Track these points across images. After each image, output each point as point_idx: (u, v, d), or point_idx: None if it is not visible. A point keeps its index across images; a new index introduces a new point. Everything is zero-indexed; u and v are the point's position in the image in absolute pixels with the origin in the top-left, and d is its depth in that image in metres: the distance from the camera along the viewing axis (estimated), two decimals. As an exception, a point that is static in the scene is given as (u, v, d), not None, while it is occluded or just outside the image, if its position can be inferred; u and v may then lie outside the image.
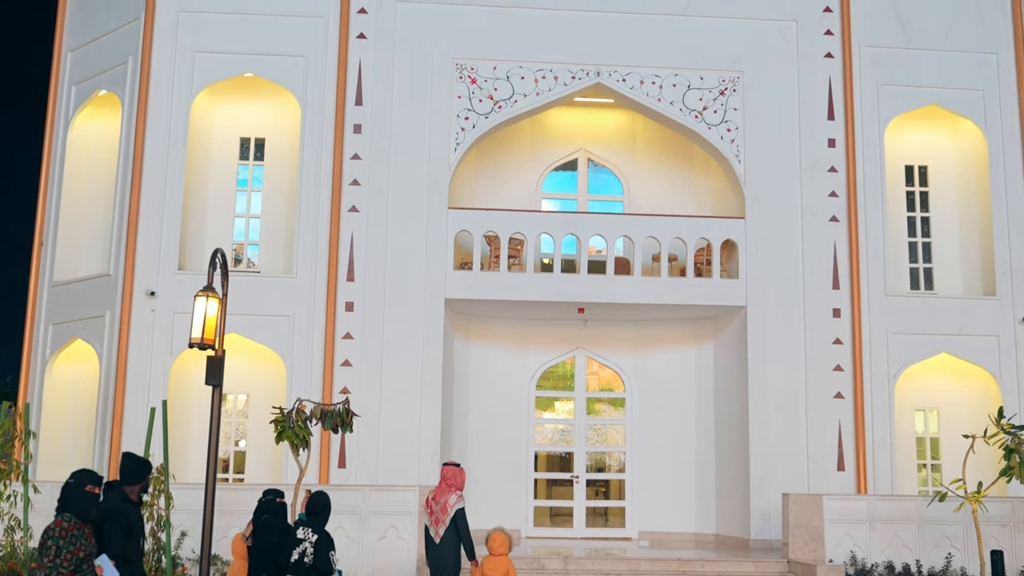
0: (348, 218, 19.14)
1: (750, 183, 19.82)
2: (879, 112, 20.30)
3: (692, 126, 19.94)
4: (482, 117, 19.63)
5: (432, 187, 19.33)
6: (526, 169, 21.78)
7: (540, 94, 19.80)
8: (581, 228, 19.62)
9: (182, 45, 19.58)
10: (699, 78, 20.04)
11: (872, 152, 20.09)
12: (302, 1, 19.77)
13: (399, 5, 19.82)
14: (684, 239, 19.73)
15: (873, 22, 20.54)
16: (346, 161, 19.25)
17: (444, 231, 19.26)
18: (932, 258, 21.41)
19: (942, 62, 20.67)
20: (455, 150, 19.51)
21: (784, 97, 20.12)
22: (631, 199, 21.78)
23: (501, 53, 19.78)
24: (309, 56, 19.61)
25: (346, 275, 18.97)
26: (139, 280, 18.87)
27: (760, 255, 19.65)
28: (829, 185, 19.89)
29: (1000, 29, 20.89)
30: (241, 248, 20.63)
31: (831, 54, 20.32)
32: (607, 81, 19.90)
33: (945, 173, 21.66)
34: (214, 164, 20.67)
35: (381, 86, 19.55)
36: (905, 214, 21.48)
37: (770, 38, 20.26)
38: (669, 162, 21.94)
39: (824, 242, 19.73)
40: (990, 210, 20.49)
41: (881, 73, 20.43)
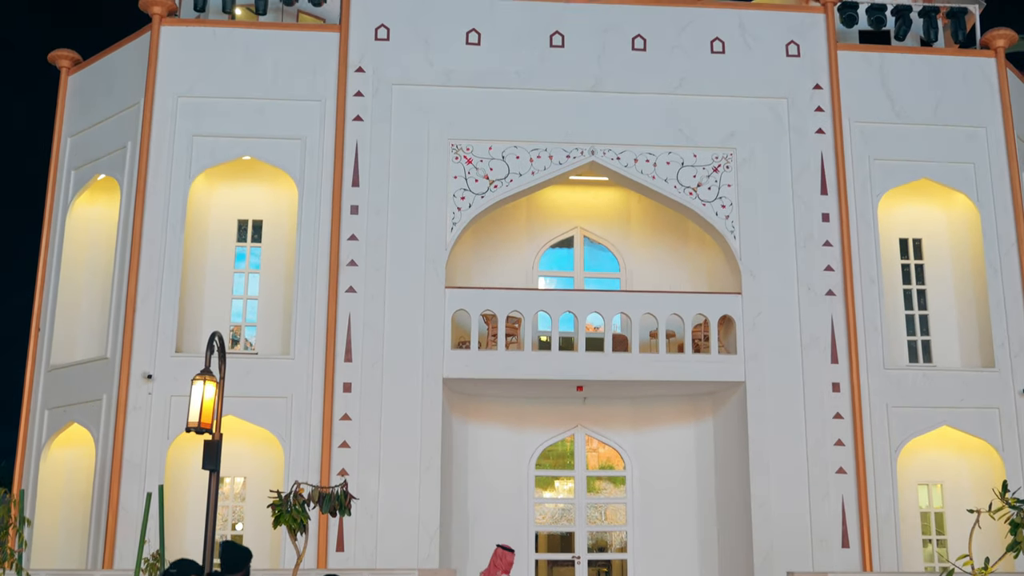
0: (346, 299, 19.16)
1: (746, 258, 19.90)
2: (872, 186, 20.48)
3: (687, 203, 20.10)
4: (478, 196, 19.79)
5: (429, 267, 19.40)
6: (522, 247, 21.88)
7: (535, 173, 19.98)
8: (578, 306, 19.65)
9: (181, 129, 19.81)
10: (692, 155, 20.26)
11: (866, 226, 20.22)
12: (299, 85, 20.05)
13: (395, 88, 20.09)
14: (681, 315, 19.75)
15: (862, 98, 20.83)
16: (343, 242, 19.35)
17: (442, 310, 19.27)
18: (930, 330, 21.41)
19: (932, 136, 20.91)
20: (452, 230, 19.63)
21: (777, 173, 20.31)
22: (628, 276, 21.85)
23: (496, 133, 20.01)
24: (306, 139, 19.82)
25: (344, 356, 18.93)
26: (136, 363, 18.81)
27: (758, 330, 19.65)
28: (824, 259, 19.98)
29: (988, 103, 21.19)
30: (239, 329, 20.62)
31: (822, 130, 20.57)
32: (601, 159, 20.10)
33: (940, 246, 21.77)
34: (212, 246, 20.76)
35: (378, 167, 19.74)
36: (901, 287, 21.54)
37: (761, 115, 20.52)
38: (665, 238, 22.06)
39: (821, 316, 19.75)
40: (986, 282, 20.55)
41: (872, 148, 20.65)
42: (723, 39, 20.79)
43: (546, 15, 20.67)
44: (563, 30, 20.59)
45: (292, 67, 20.12)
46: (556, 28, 20.58)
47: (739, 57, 20.74)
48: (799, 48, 20.90)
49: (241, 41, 20.27)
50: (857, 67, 20.98)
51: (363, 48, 20.22)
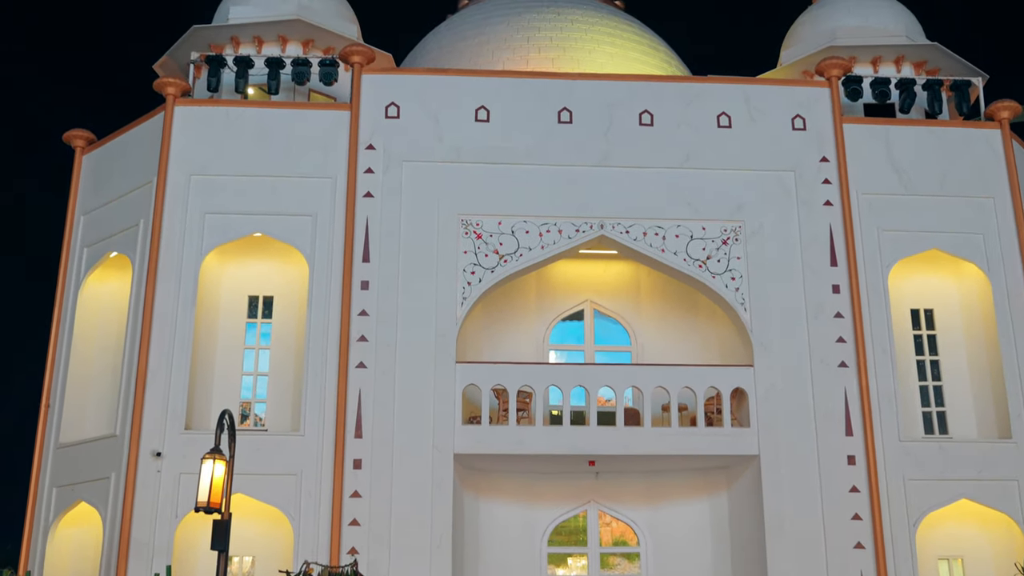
0: (356, 374, 19.10)
1: (757, 330, 19.84)
2: (881, 257, 20.48)
3: (696, 275, 20.12)
4: (488, 271, 19.84)
5: (439, 341, 19.36)
6: (533, 321, 21.86)
7: (545, 247, 20.06)
8: (589, 379, 19.57)
9: (193, 207, 19.98)
10: (701, 228, 20.32)
11: (877, 297, 20.18)
12: (311, 163, 20.25)
13: (405, 164, 20.28)
14: (693, 388, 19.65)
15: (869, 170, 20.93)
16: (354, 317, 19.36)
17: (452, 385, 19.19)
18: (945, 401, 21.23)
19: (940, 207, 20.97)
20: (462, 304, 19.64)
21: (786, 245, 20.34)
22: (639, 349, 21.78)
23: (505, 208, 20.14)
24: (317, 215, 19.96)
25: (354, 432, 18.82)
26: (145, 440, 18.73)
27: (770, 402, 19.50)
28: (836, 331, 19.89)
29: (995, 173, 21.27)
30: (248, 406, 20.55)
31: (830, 202, 20.64)
32: (611, 233, 20.18)
33: (951, 316, 21.69)
34: (222, 322, 20.80)
35: (388, 243, 19.83)
36: (914, 358, 21.40)
37: (769, 188, 20.62)
38: (675, 311, 22.03)
39: (835, 388, 19.60)
40: (999, 352, 20.42)
41: (881, 219, 20.70)
42: (729, 113, 20.99)
43: (554, 91, 20.93)
44: (571, 106, 20.83)
45: (303, 145, 20.35)
46: (564, 104, 20.82)
47: (745, 131, 20.91)
48: (805, 121, 21.08)
49: (254, 120, 20.54)
50: (863, 140, 21.12)
51: (373, 126, 20.46)
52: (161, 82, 20.80)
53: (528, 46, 25.55)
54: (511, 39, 25.79)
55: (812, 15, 25.03)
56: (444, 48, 26.52)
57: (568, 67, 24.75)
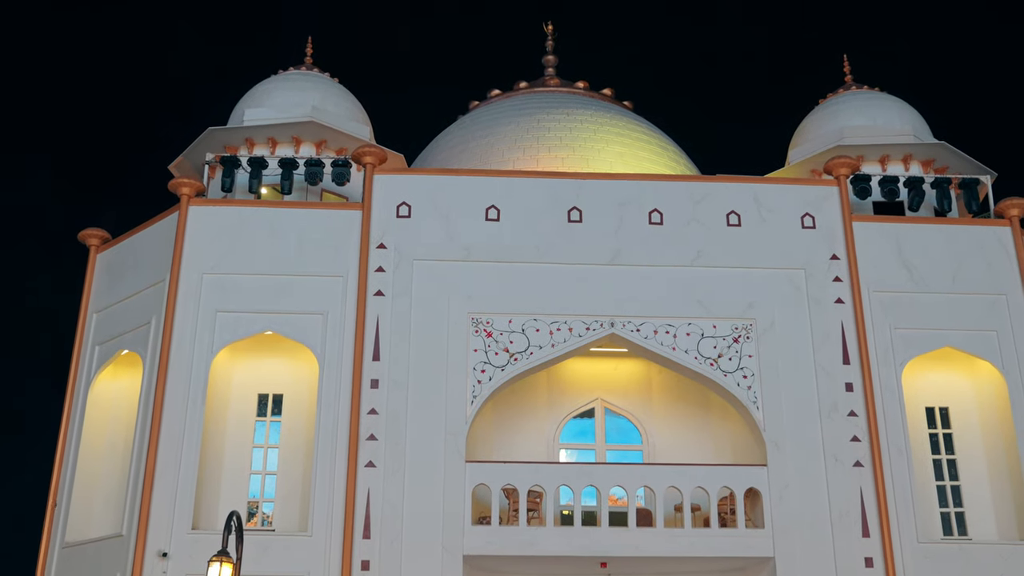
0: (365, 473, 18.92)
1: (770, 429, 19.64)
2: (894, 355, 20.35)
3: (708, 374, 20.01)
4: (498, 370, 19.78)
5: (449, 440, 19.21)
6: (543, 419, 21.71)
7: (555, 346, 20.02)
8: (600, 479, 19.33)
9: (205, 305, 20.07)
10: (712, 326, 20.28)
11: (891, 395, 20.00)
12: (322, 262, 20.39)
13: (416, 263, 20.40)
14: (706, 488, 19.37)
15: (880, 268, 20.94)
16: (363, 416, 19.26)
17: (462, 485, 18.98)
18: (963, 502, 20.85)
19: (952, 304, 20.90)
20: (472, 403, 19.53)
21: (798, 343, 20.25)
22: (650, 447, 21.55)
23: (516, 306, 20.16)
24: (328, 313, 20.02)
25: (362, 532, 18.56)
26: (152, 541, 18.51)
27: (785, 503, 19.20)
28: (850, 430, 19.68)
29: (1007, 270, 21.24)
30: (256, 504, 20.33)
31: (841, 299, 20.61)
32: (621, 331, 20.16)
33: (967, 414, 21.45)
34: (232, 421, 20.71)
35: (398, 341, 19.83)
36: (930, 457, 21.11)
37: (780, 286, 20.62)
38: (687, 409, 21.86)
39: (850, 488, 19.30)
40: (1017, 450, 20.14)
41: (893, 317, 20.63)
42: (739, 212, 21.14)
43: (564, 190, 21.14)
44: (580, 205, 21.01)
45: (315, 244, 20.52)
46: (574, 203, 21.01)
47: (755, 229, 21.02)
48: (814, 220, 21.19)
49: (266, 219, 20.77)
50: (873, 237, 21.19)
51: (385, 225, 20.65)
52: (176, 182, 21.11)
53: (538, 146, 25.88)
54: (521, 139, 26.14)
55: (819, 114, 25.35)
56: (455, 148, 26.89)
57: (578, 166, 25.03)
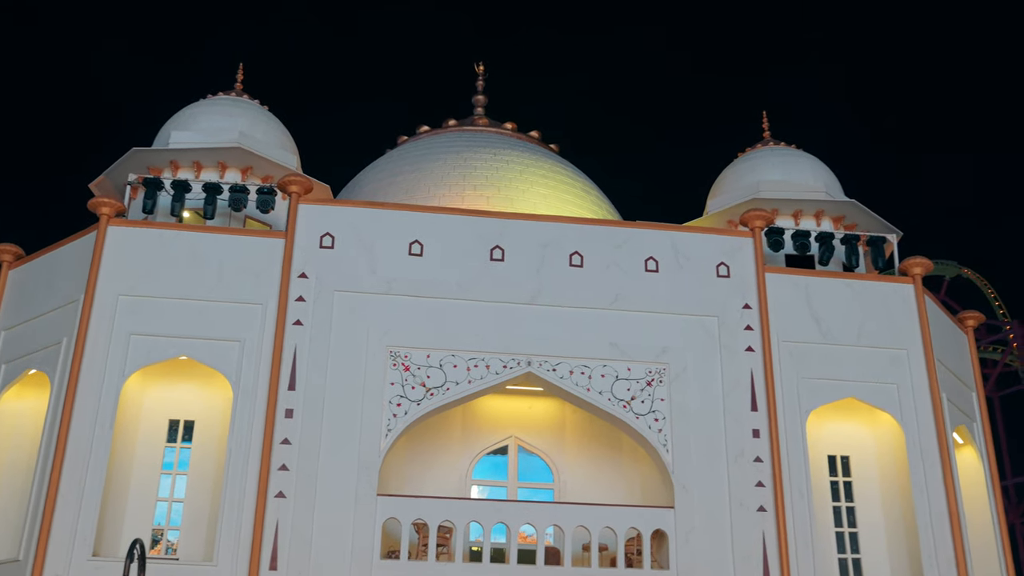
0: (275, 504, 18.78)
1: (678, 472, 20.03)
2: (800, 404, 20.95)
3: (620, 415, 20.35)
4: (414, 404, 19.85)
5: (362, 473, 19.19)
6: (457, 455, 21.82)
7: (472, 382, 20.18)
8: (511, 516, 19.47)
9: (118, 328, 19.80)
10: (627, 369, 20.66)
11: (795, 443, 20.56)
12: (241, 288, 20.28)
13: (336, 294, 20.42)
14: (614, 528, 19.64)
15: (790, 319, 21.58)
16: (276, 446, 19.14)
17: (372, 518, 18.95)
18: (860, 548, 21.48)
19: (857, 357, 21.61)
20: (386, 436, 19.57)
21: (708, 388, 20.73)
22: (562, 486, 21.80)
23: (434, 342, 20.29)
24: (245, 341, 19.90)
25: (269, 564, 18.38)
26: (50, 566, 18.08)
27: (690, 545, 19.56)
28: (755, 475, 20.17)
29: (908, 327, 22.06)
30: (161, 532, 20.01)
31: (752, 348, 21.17)
32: (538, 371, 20.41)
33: (867, 464, 22.14)
34: (140, 446, 20.39)
35: (315, 372, 19.79)
36: (831, 504, 21.73)
37: (693, 332, 21.11)
38: (599, 450, 22.18)
39: (753, 532, 19.75)
40: (912, 500, 20.83)
41: (800, 367, 21.25)
42: (657, 258, 21.62)
43: (488, 229, 21.41)
44: (503, 244, 21.29)
45: (236, 271, 20.42)
46: (497, 242, 21.28)
47: (672, 276, 21.52)
48: (729, 269, 21.77)
49: (187, 244, 20.61)
50: (784, 289, 21.84)
51: (307, 255, 20.66)
52: (95, 202, 20.85)
53: (464, 183, 26.20)
54: (447, 176, 26.43)
55: (738, 167, 26.10)
56: (382, 181, 27.06)
57: (502, 206, 25.39)
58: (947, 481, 20.87)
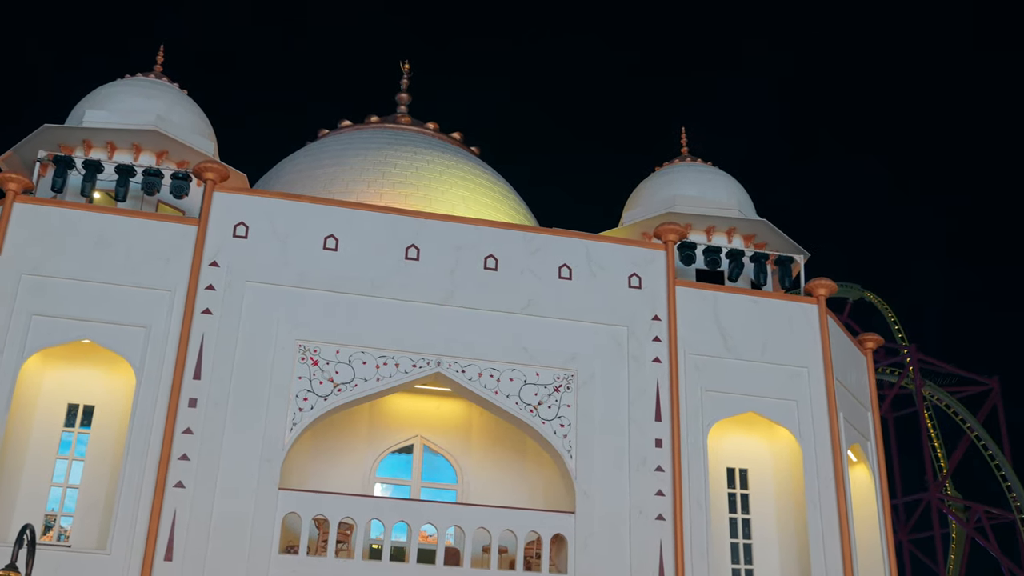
0: (173, 494, 18.50)
1: (581, 478, 20.26)
2: (703, 416, 21.37)
3: (527, 420, 20.51)
4: (321, 399, 19.74)
5: (264, 466, 19.01)
6: (361, 452, 21.75)
7: (381, 380, 20.14)
8: (412, 516, 19.49)
9: (20, 307, 19.29)
10: (535, 374, 20.84)
11: (696, 454, 20.96)
12: (150, 274, 19.93)
13: (248, 285, 20.20)
14: (515, 531, 19.79)
15: (697, 332, 22.00)
16: (177, 435, 18.85)
17: (272, 512, 18.78)
18: (753, 560, 21.98)
19: (760, 373, 22.13)
20: (291, 430, 19.41)
21: (615, 397, 21.01)
22: (465, 487, 21.88)
23: (345, 338, 20.21)
24: (151, 327, 19.56)
25: (164, 554, 18.09)
26: (-66, 550, 17.52)
27: (589, 550, 19.79)
28: (656, 484, 20.50)
29: (810, 345, 22.66)
30: (54, 518, 19.54)
31: (659, 359, 21.52)
32: (447, 371, 20.46)
33: (764, 477, 22.67)
34: (36, 429, 19.89)
35: (222, 362, 19.54)
36: (727, 515, 22.20)
37: (603, 341, 21.38)
38: (504, 453, 22.32)
39: (651, 540, 20.07)
40: (805, 515, 21.38)
41: (705, 379, 21.68)
42: (571, 266, 21.85)
43: (404, 228, 21.40)
44: (419, 243, 21.30)
45: (145, 255, 20.06)
46: (412, 241, 21.28)
47: (584, 284, 21.77)
48: (640, 280, 22.11)
49: (96, 225, 20.19)
50: (693, 303, 22.25)
51: (220, 243, 20.40)
52: (2, 177, 20.31)
53: (383, 180, 26.14)
54: (367, 172, 26.35)
55: (654, 181, 26.50)
56: (300, 173, 26.85)
57: (420, 205, 25.39)
58: (839, 498, 21.49)
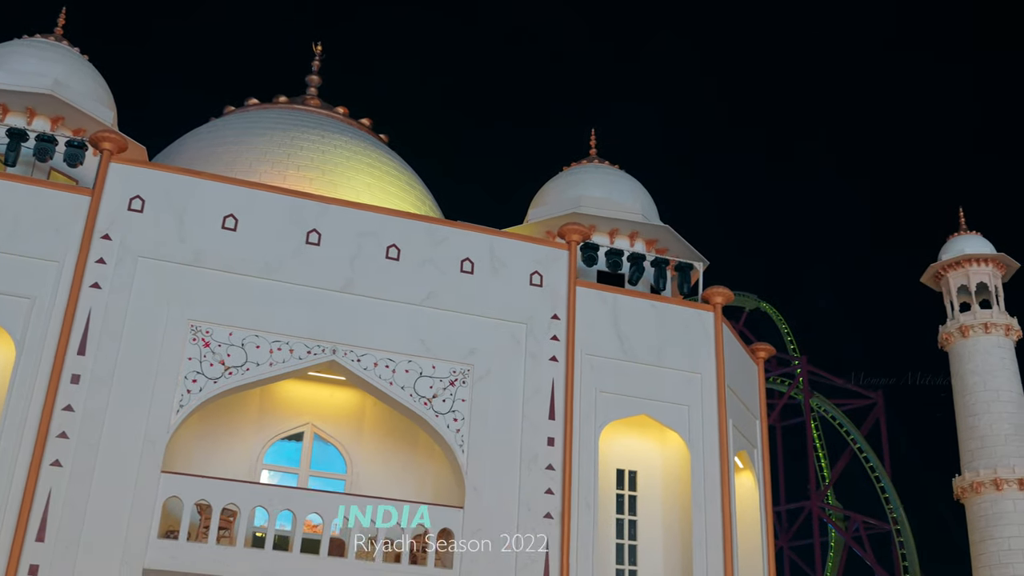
0: (48, 472, 17.83)
1: (471, 473, 20.20)
2: (596, 417, 21.51)
3: (421, 412, 20.37)
4: (211, 381, 19.27)
5: (147, 448, 18.46)
6: (250, 437, 21.33)
7: (274, 365, 19.76)
8: (298, 504, 19.17)
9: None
10: (432, 367, 20.70)
11: (587, 454, 21.09)
12: (37, 243, 19.18)
13: (140, 260, 19.59)
14: (402, 524, 19.61)
15: (595, 334, 22.14)
16: (57, 412, 18.18)
17: (153, 495, 18.25)
18: (637, 561, 22.23)
19: (654, 376, 22.38)
20: (178, 412, 18.91)
21: (510, 393, 21.00)
22: (354, 478, 21.62)
23: (239, 320, 19.75)
24: (36, 299, 18.84)
25: (36, 535, 17.43)
26: None
27: (475, 546, 19.73)
28: (546, 482, 20.57)
29: (704, 352, 23.02)
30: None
31: (556, 358, 21.59)
32: (342, 360, 20.18)
33: (653, 480, 22.95)
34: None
35: (108, 338, 18.92)
36: (615, 516, 22.40)
37: (501, 337, 21.36)
38: (395, 444, 22.13)
39: (538, 538, 20.11)
40: (691, 519, 21.70)
41: (600, 380, 21.83)
42: (473, 260, 21.77)
43: (306, 211, 21.03)
44: (321, 228, 20.96)
45: (34, 224, 19.31)
46: (314, 226, 20.93)
47: (486, 279, 21.71)
48: (542, 279, 22.15)
49: (-18, 189, 19.35)
50: (593, 304, 22.39)
51: (113, 216, 19.75)
52: None
53: (287, 162, 25.68)
54: (271, 152, 25.84)
55: (561, 180, 26.61)
56: (202, 150, 26.20)
57: (325, 190, 25.01)
58: (724, 502, 21.88)
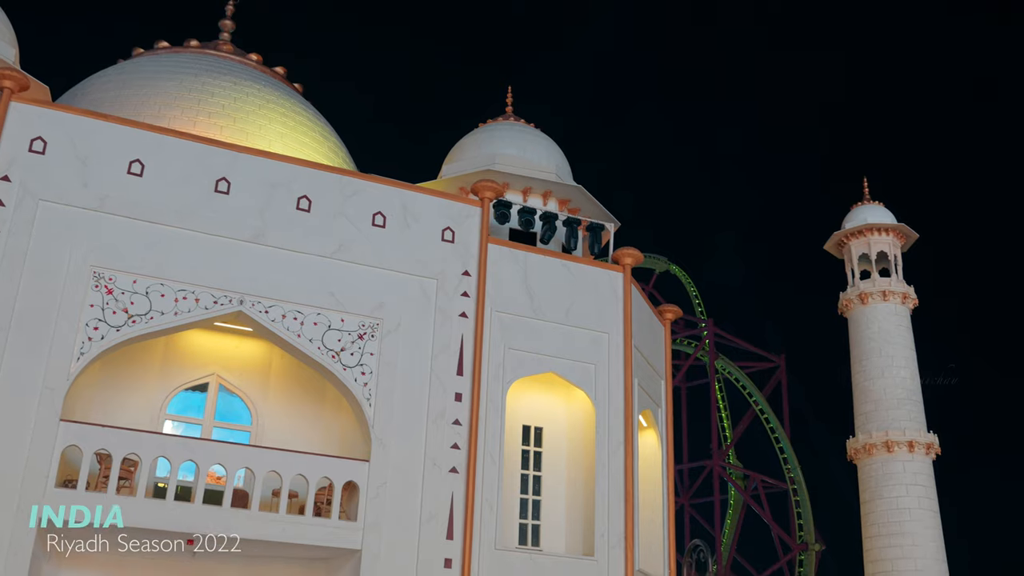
0: (-60, 419, 17.36)
1: (378, 427, 20.24)
2: (504, 373, 21.70)
3: (328, 365, 20.28)
4: (113, 329, 18.89)
5: (45, 395, 18.04)
6: (153, 387, 21.02)
7: (179, 314, 19.44)
8: (201, 455, 18.99)
9: None
10: (340, 320, 20.61)
11: (495, 410, 21.29)
12: (-68, 182, 18.52)
13: (41, 203, 19.01)
14: (307, 476, 19.58)
15: (505, 290, 22.27)
16: (-50, 357, 17.66)
17: (52, 444, 17.87)
18: (541, 515, 22.59)
19: (562, 335, 22.65)
20: (78, 359, 18.49)
21: (419, 348, 21.05)
22: (260, 430, 21.49)
23: (143, 268, 19.34)
24: (-71, 240, 18.20)
25: (-74, 482, 17.01)
26: None
27: (380, 499, 19.85)
28: (453, 437, 20.72)
29: (612, 312, 23.36)
30: None
31: (465, 314, 21.68)
32: (249, 311, 19.95)
33: (558, 437, 23.28)
34: None
35: (6, 282, 18.34)
36: (520, 472, 22.72)
37: (411, 291, 21.35)
38: (302, 397, 22.04)
39: (443, 492, 20.31)
40: (594, 476, 22.11)
41: (509, 337, 22.00)
42: (385, 214, 21.65)
43: (216, 159, 20.63)
44: (230, 177, 20.59)
45: (-74, 162, 18.62)
46: (224, 174, 20.55)
47: (398, 233, 21.63)
48: (454, 235, 22.15)
49: None
50: (504, 261, 22.50)
51: (13, 157, 19.10)
52: None
53: (198, 108, 25.10)
54: (181, 98, 25.22)
55: (477, 137, 26.56)
56: (109, 92, 25.43)
57: (235, 138, 24.54)
58: (627, 459, 22.33)
